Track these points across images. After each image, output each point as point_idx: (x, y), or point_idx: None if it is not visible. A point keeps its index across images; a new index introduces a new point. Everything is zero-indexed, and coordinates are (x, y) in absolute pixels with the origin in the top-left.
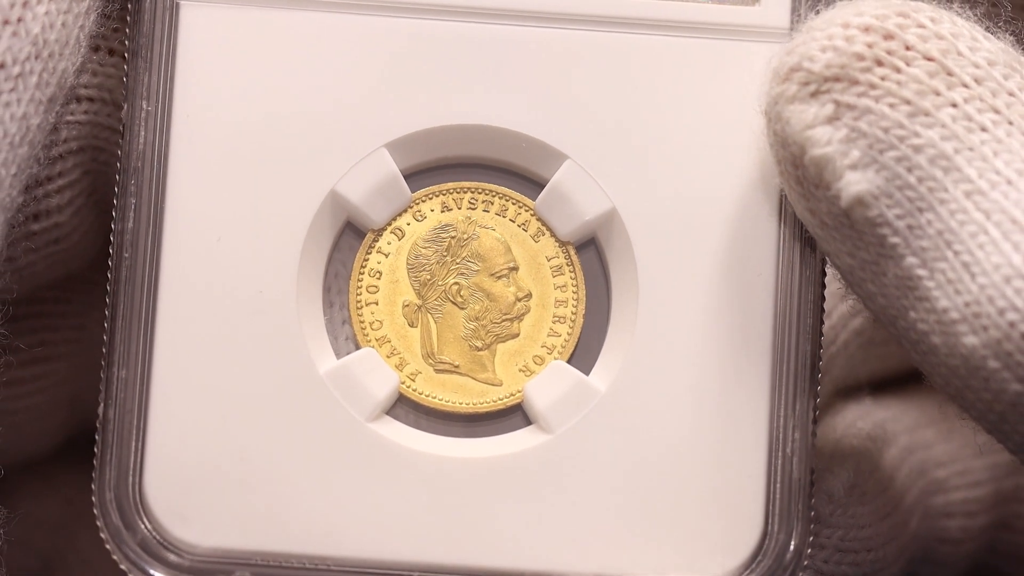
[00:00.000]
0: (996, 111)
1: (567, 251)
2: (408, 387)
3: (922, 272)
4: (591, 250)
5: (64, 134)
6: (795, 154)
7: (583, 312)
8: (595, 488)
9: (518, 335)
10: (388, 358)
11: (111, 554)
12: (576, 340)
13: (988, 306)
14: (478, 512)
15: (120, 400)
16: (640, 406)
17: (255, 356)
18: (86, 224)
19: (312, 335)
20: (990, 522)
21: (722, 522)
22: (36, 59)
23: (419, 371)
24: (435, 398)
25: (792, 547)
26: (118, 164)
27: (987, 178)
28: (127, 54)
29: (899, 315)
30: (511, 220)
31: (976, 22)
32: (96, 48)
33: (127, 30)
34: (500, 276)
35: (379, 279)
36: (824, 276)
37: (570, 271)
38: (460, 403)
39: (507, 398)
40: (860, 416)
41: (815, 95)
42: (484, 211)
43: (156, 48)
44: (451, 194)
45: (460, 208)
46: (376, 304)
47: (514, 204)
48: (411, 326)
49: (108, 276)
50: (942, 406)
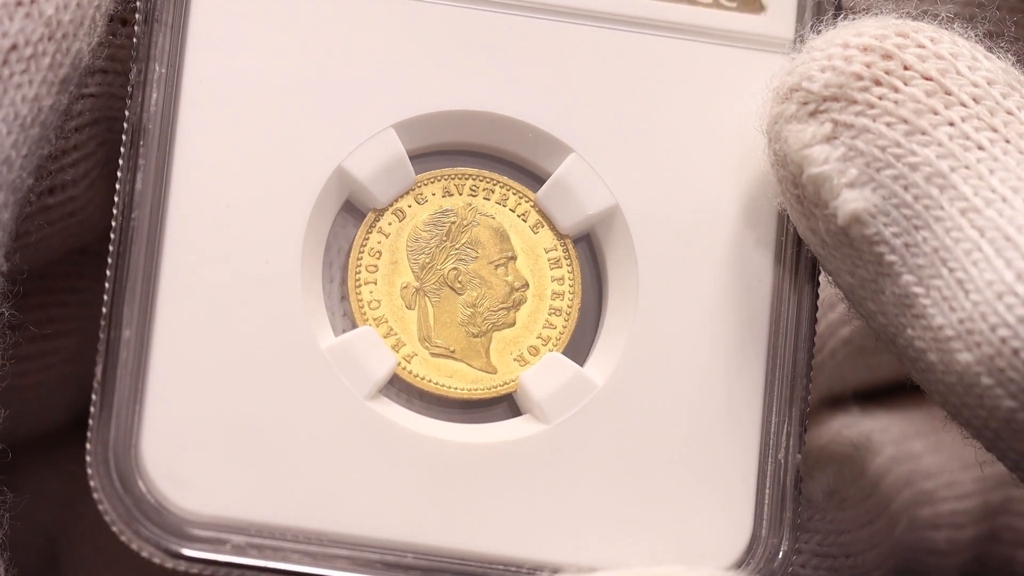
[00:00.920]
0: (994, 129)
1: (565, 244)
2: (403, 368)
3: (918, 290)
4: (584, 244)
5: (79, 107)
6: (794, 173)
7: (579, 305)
8: (590, 479)
9: (514, 324)
10: (385, 338)
11: (103, 515)
12: (571, 333)
13: (981, 323)
14: (473, 497)
15: (121, 361)
16: (636, 402)
17: (257, 326)
18: (100, 196)
19: (314, 309)
20: (978, 534)
21: (712, 521)
22: (49, 40)
23: (415, 353)
24: (430, 381)
25: (781, 554)
26: (125, 125)
27: (982, 195)
28: (138, 15)
29: (898, 333)
30: (511, 210)
31: (977, 41)
32: (109, 18)
33: None
34: (498, 265)
35: (378, 259)
36: (818, 285)
37: (567, 264)
38: (454, 388)
39: (501, 386)
40: (847, 425)
41: (814, 114)
42: (485, 199)
43: (170, 12)
44: (453, 179)
45: (461, 194)
46: (375, 284)
47: (515, 194)
48: (408, 308)
49: (111, 236)
50: (931, 418)
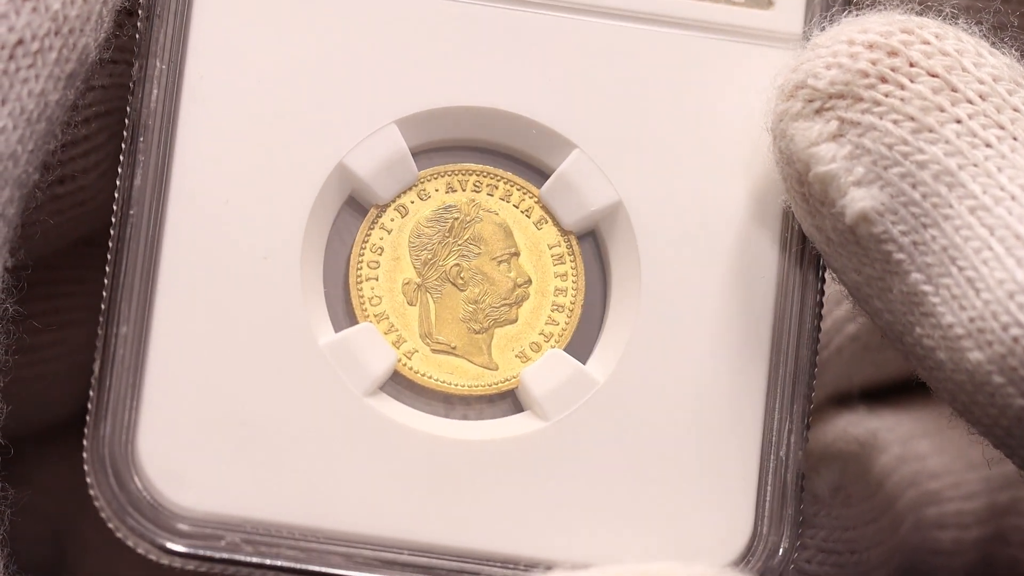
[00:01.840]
0: (1001, 127)
1: (569, 240)
2: (404, 365)
3: (927, 288)
4: (588, 241)
5: (89, 98)
6: (800, 171)
7: (582, 302)
8: (589, 477)
9: (516, 321)
10: (386, 335)
11: (99, 511)
12: (574, 329)
13: (992, 321)
14: (472, 494)
15: (118, 357)
16: (637, 399)
17: (256, 322)
18: (111, 186)
19: (313, 306)
20: (984, 535)
21: (713, 519)
22: (56, 35)
23: (416, 350)
24: (431, 378)
25: (781, 551)
26: (126, 121)
27: (991, 194)
28: (140, 11)
29: (905, 331)
30: (514, 206)
31: (982, 36)
32: (118, 10)
33: None
34: (501, 261)
35: (380, 255)
36: (823, 282)
37: (571, 260)
38: (455, 384)
39: (502, 383)
40: (853, 423)
41: (819, 112)
42: (488, 195)
43: (171, 8)
44: (456, 175)
45: (465, 190)
46: (376, 280)
47: (518, 190)
48: (410, 304)
49: (111, 232)
50: (937, 417)
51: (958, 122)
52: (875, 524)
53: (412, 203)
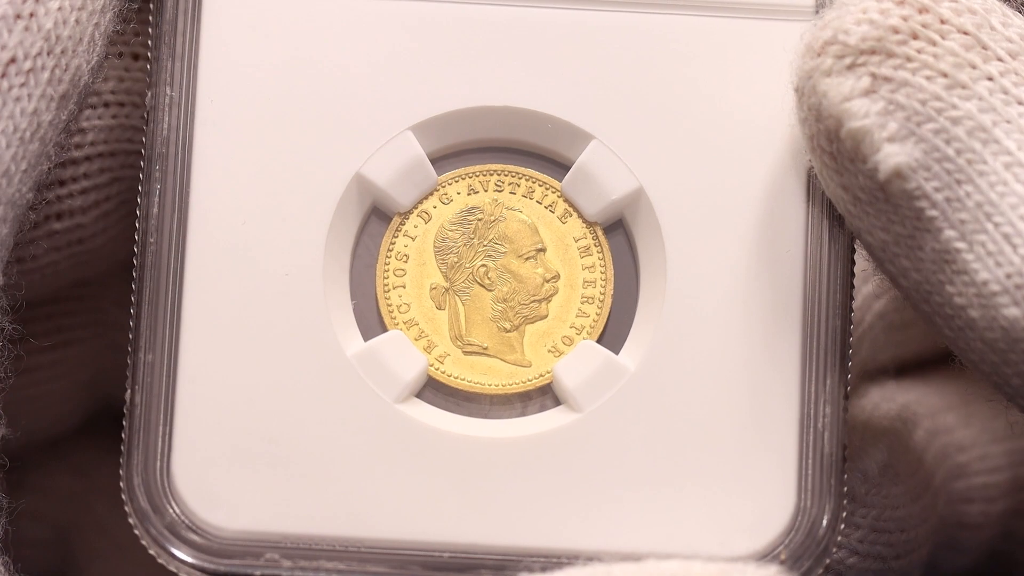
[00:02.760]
0: None
1: (595, 231)
2: (437, 369)
3: (961, 245)
4: (620, 231)
5: (91, 136)
6: (830, 128)
7: (611, 292)
8: (625, 466)
9: (546, 316)
10: (416, 341)
11: (139, 539)
12: (605, 320)
13: None
14: (507, 492)
15: (147, 384)
16: (670, 384)
17: (282, 339)
18: (114, 229)
19: (339, 317)
20: (1008, 508)
21: (754, 498)
22: (48, 55)
23: (447, 353)
24: (464, 380)
25: (825, 522)
26: (142, 151)
27: None
28: (150, 41)
29: (934, 290)
30: (538, 202)
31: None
32: (120, 54)
33: (150, 18)
34: (528, 258)
35: (406, 262)
36: (854, 251)
37: (598, 251)
38: (489, 384)
39: (536, 379)
40: (884, 398)
41: (851, 68)
42: (511, 193)
43: (180, 34)
44: (477, 177)
45: (487, 191)
46: (403, 287)
47: (541, 186)
48: (439, 309)
49: (134, 262)
50: (963, 391)
51: (990, 79)
52: (920, 501)
53: (435, 208)
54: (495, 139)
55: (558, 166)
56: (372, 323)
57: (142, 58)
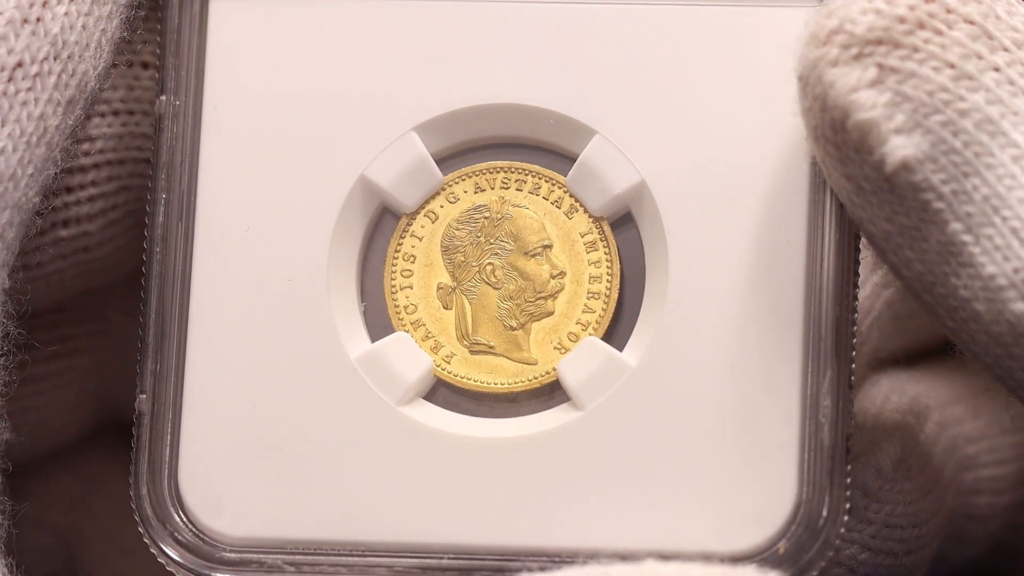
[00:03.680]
0: None
1: (601, 226)
2: (443, 370)
3: (967, 238)
4: (632, 226)
5: (99, 144)
6: (836, 118)
7: (617, 287)
8: (627, 463)
9: (553, 313)
10: (423, 341)
11: (148, 547)
12: (611, 316)
13: None
14: (511, 492)
15: (155, 393)
16: (671, 379)
17: (287, 345)
18: (121, 238)
19: (344, 321)
20: (1014, 500)
21: (756, 491)
22: (55, 59)
23: (454, 353)
24: (471, 379)
25: (825, 514)
26: (150, 159)
27: None
28: (158, 48)
29: (938, 281)
30: (544, 198)
31: None
32: (130, 63)
33: (157, 25)
34: (534, 254)
35: (413, 263)
36: (858, 242)
37: (604, 246)
38: (496, 383)
39: (542, 376)
40: (894, 390)
41: (858, 58)
42: (517, 190)
43: (185, 42)
44: (483, 175)
45: (493, 188)
46: (411, 288)
47: (547, 182)
48: (445, 308)
49: (142, 271)
50: (971, 382)
51: (996, 70)
52: (931, 496)
53: (441, 208)
54: (499, 136)
55: (564, 160)
56: (381, 325)
57: (151, 67)
